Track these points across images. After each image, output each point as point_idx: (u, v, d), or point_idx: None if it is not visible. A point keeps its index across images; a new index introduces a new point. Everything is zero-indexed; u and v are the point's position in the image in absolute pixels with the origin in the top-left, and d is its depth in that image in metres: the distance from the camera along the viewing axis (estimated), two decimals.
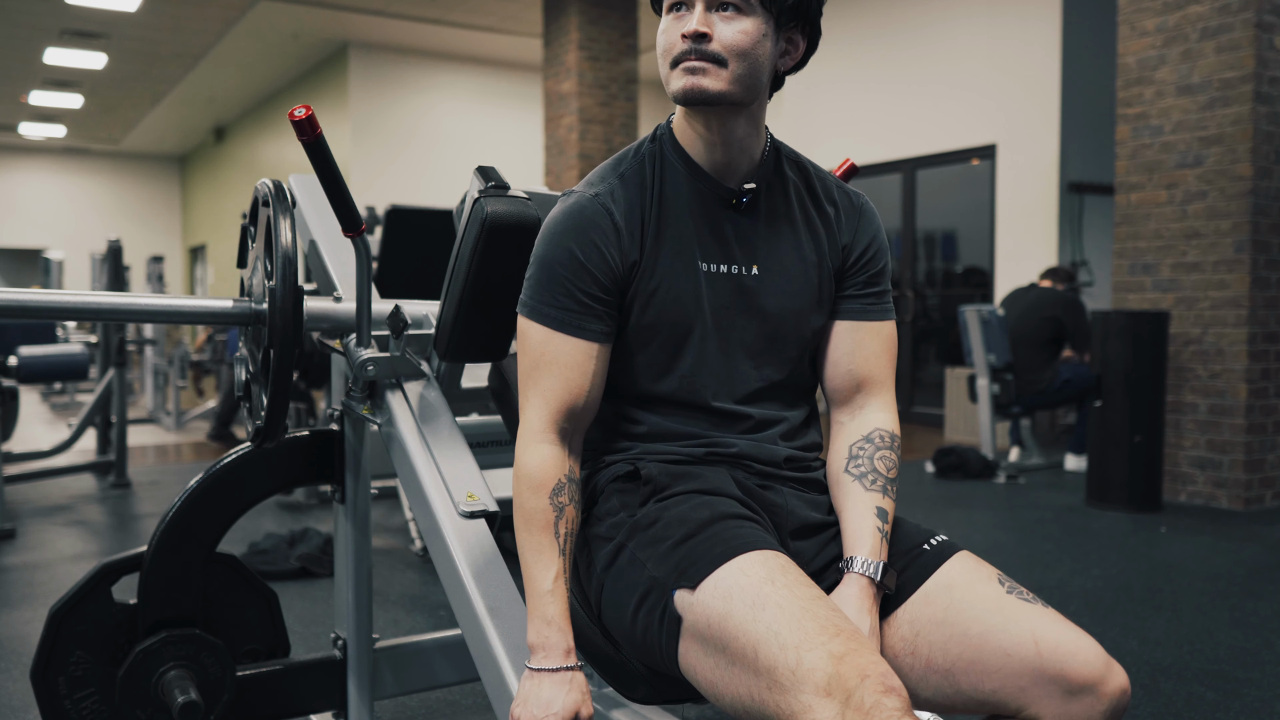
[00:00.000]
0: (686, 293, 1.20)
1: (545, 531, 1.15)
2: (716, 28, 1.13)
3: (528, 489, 1.16)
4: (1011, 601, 1.09)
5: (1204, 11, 4.47)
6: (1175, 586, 3.20)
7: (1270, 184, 4.43)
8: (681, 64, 1.14)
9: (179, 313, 1.54)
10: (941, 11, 7.33)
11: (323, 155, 1.37)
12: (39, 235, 16.49)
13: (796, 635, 0.94)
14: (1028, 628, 1.05)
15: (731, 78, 1.14)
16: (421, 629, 2.67)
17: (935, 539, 1.18)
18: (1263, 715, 2.16)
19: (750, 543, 1.06)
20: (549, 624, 1.13)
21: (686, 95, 1.14)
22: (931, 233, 7.90)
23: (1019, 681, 1.04)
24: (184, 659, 1.55)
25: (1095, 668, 1.03)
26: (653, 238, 1.20)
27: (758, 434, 1.23)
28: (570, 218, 1.19)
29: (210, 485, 1.60)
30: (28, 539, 3.82)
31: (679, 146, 1.23)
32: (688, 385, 1.21)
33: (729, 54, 1.13)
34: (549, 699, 1.10)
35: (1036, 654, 1.04)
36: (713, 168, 1.22)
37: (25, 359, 4.35)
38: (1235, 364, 4.44)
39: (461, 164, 10.93)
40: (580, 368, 1.17)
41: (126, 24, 9.73)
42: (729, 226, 1.22)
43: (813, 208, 1.28)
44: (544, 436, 1.17)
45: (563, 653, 1.13)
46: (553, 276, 1.17)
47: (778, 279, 1.23)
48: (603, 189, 1.20)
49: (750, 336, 1.23)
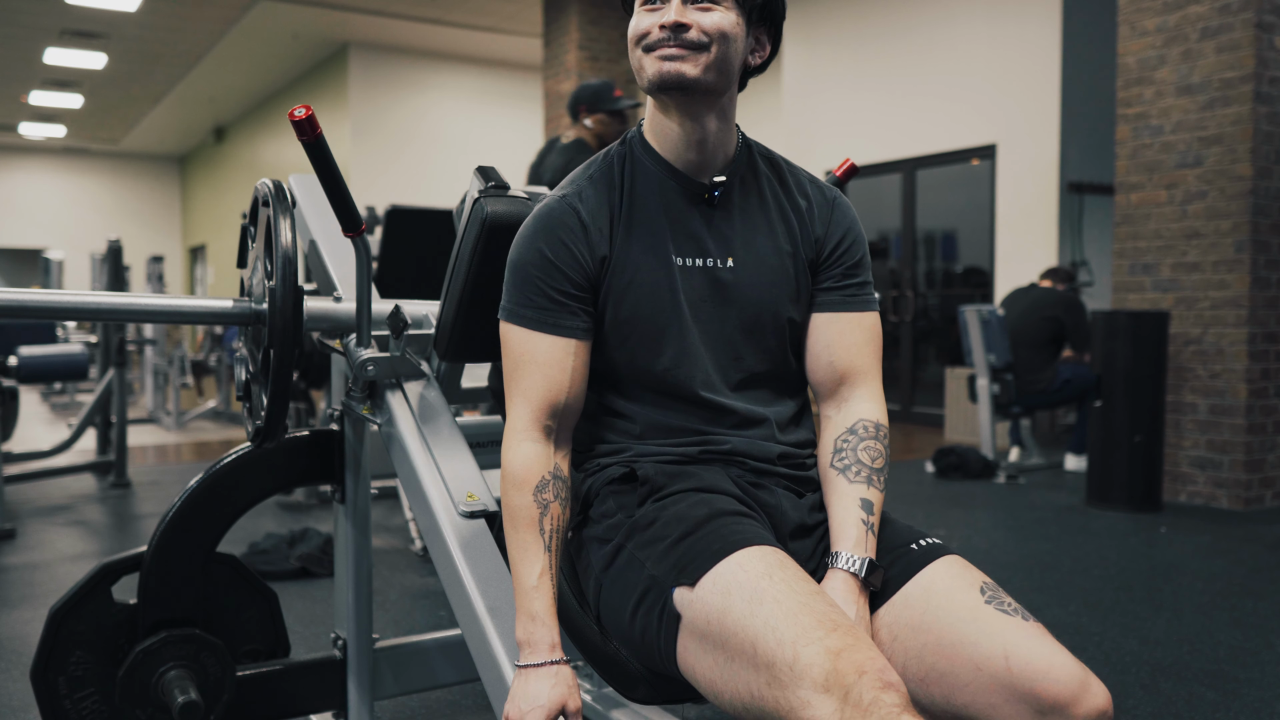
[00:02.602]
0: (661, 286, 1.21)
1: (530, 528, 1.16)
2: (693, 17, 1.14)
3: (512, 487, 1.18)
4: (988, 612, 1.05)
5: (1204, 11, 4.47)
6: (1175, 586, 3.20)
7: (1270, 184, 4.43)
8: (657, 50, 1.15)
9: (179, 313, 1.54)
10: (941, 11, 7.33)
11: (323, 155, 1.37)
12: (39, 235, 16.49)
13: (794, 630, 0.94)
14: (1000, 642, 1.02)
15: (710, 62, 1.15)
16: (421, 629, 2.67)
17: (925, 540, 1.16)
18: (1263, 715, 2.16)
19: (749, 538, 1.06)
20: (534, 619, 1.14)
21: (663, 79, 1.15)
22: (931, 233, 7.90)
23: (989, 698, 1.01)
24: (184, 659, 1.55)
25: (1067, 687, 0.99)
26: (623, 234, 1.21)
27: (748, 430, 1.23)
28: (538, 220, 1.22)
29: (210, 485, 1.60)
30: (28, 539, 3.82)
31: (649, 147, 1.25)
32: (672, 378, 1.21)
33: (711, 36, 1.14)
34: (535, 694, 1.11)
35: (1007, 670, 1.00)
36: (685, 165, 1.23)
37: (25, 359, 4.35)
38: (1235, 364, 4.44)
39: (461, 164, 10.93)
40: (559, 364, 1.19)
41: (126, 24, 9.73)
42: (701, 221, 1.23)
43: (785, 200, 1.28)
44: (527, 435, 1.19)
45: (548, 647, 1.14)
46: (525, 278, 1.20)
47: (752, 271, 1.24)
48: (570, 190, 1.23)
49: (729, 328, 1.23)
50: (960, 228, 7.71)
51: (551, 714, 1.10)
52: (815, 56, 8.19)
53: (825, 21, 8.11)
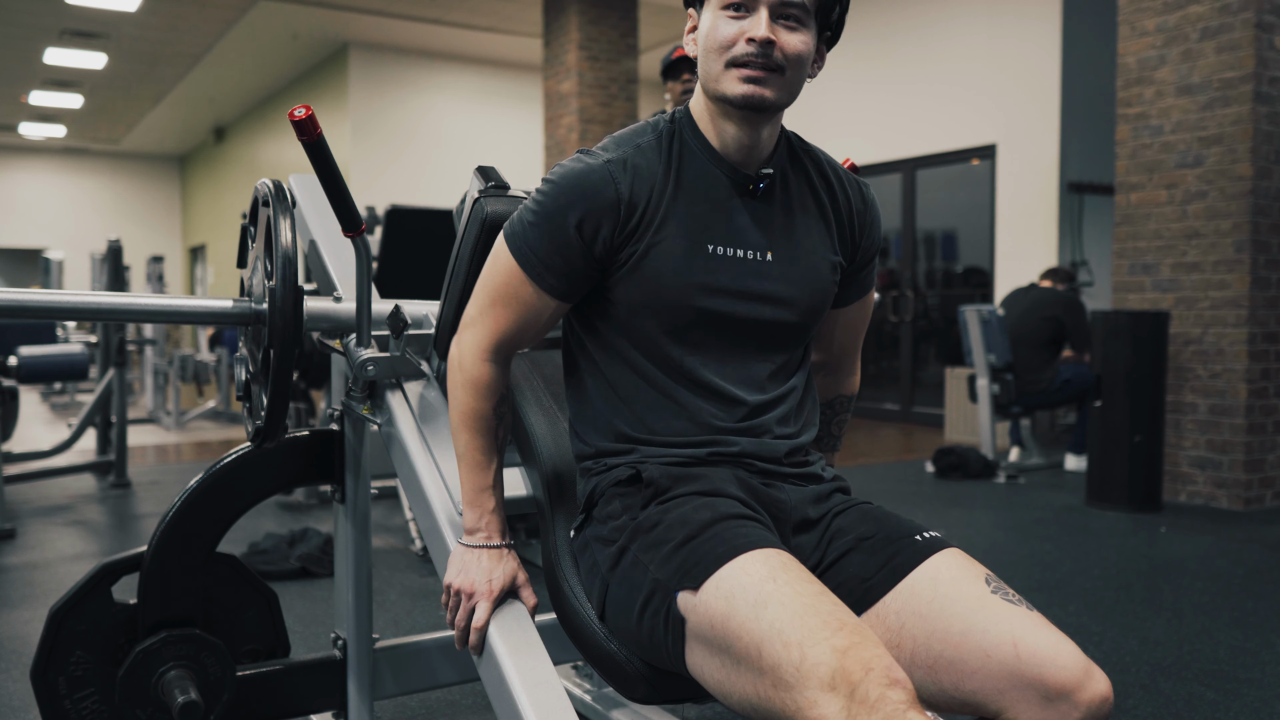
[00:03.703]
0: (692, 269, 1.20)
1: (489, 435, 1.27)
2: (780, 35, 1.16)
3: (476, 395, 1.26)
4: (995, 601, 1.07)
5: (1204, 11, 4.47)
6: (1175, 586, 3.20)
7: (1270, 184, 4.43)
8: (744, 68, 1.16)
9: (179, 313, 1.54)
10: (941, 11, 7.33)
11: (323, 155, 1.37)
12: (39, 235, 16.49)
13: (799, 631, 0.94)
14: (1008, 629, 1.04)
15: (786, 85, 1.18)
16: (421, 629, 2.67)
17: (928, 533, 1.17)
18: (1263, 715, 2.16)
19: (752, 542, 1.06)
20: (492, 512, 1.28)
21: (747, 101, 1.16)
22: (931, 233, 7.90)
23: (997, 684, 1.03)
24: (184, 659, 1.55)
25: (1072, 674, 1.01)
26: (661, 215, 1.20)
27: (758, 419, 1.24)
28: (578, 179, 1.20)
29: (210, 485, 1.60)
30: (28, 539, 3.82)
31: (698, 131, 1.25)
32: (688, 364, 1.22)
33: (789, 62, 1.16)
34: (489, 568, 1.26)
35: (1015, 657, 1.02)
36: (732, 157, 1.24)
37: (25, 359, 4.34)
38: (1235, 364, 4.44)
39: (461, 164, 10.93)
40: (538, 314, 1.24)
41: (126, 24, 9.72)
42: (745, 212, 1.24)
43: (826, 197, 1.30)
44: (490, 355, 1.26)
45: (500, 534, 1.28)
46: (545, 226, 1.20)
47: (789, 266, 1.25)
48: (615, 156, 1.21)
49: (757, 321, 1.24)
50: (960, 228, 7.71)
51: (506, 583, 1.26)
52: None
53: None
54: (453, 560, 1.29)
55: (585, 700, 2.00)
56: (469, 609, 1.25)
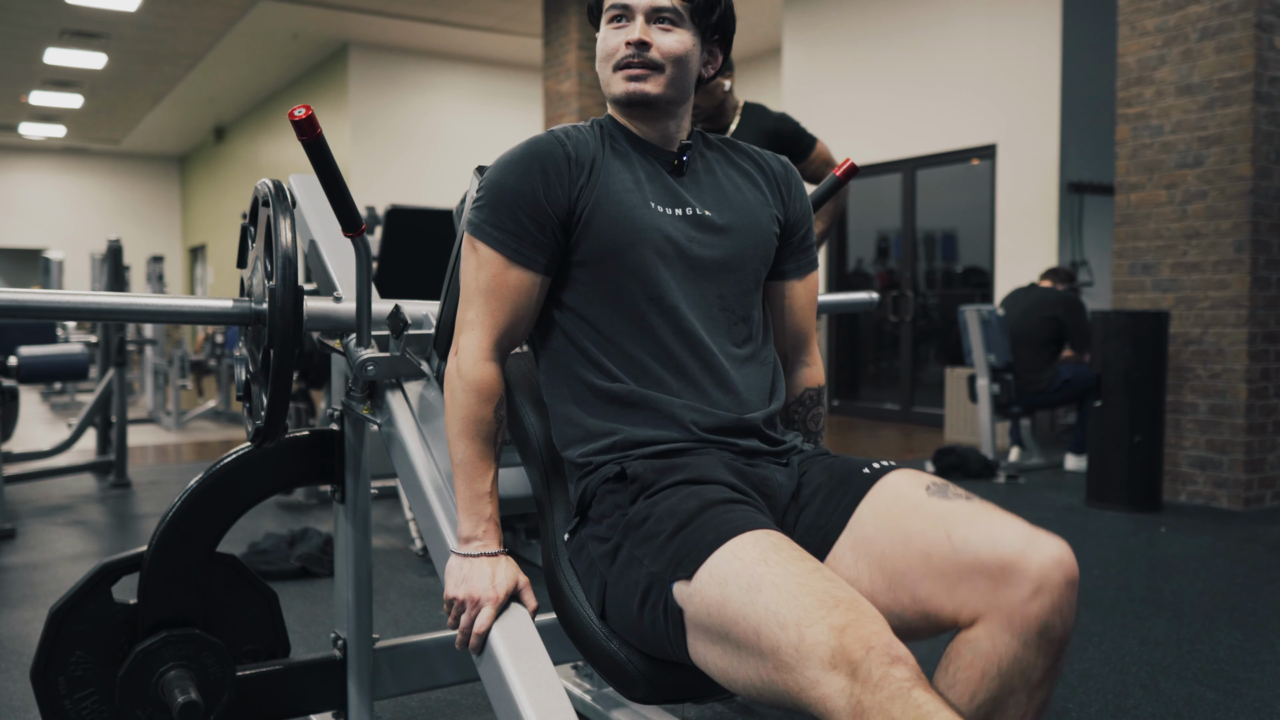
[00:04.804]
0: (644, 223, 1.26)
1: (489, 441, 1.28)
2: (655, 36, 1.27)
3: (477, 399, 1.26)
4: (931, 503, 1.07)
5: (1204, 11, 4.47)
6: (1175, 586, 3.20)
7: (1270, 184, 4.43)
8: (624, 70, 1.27)
9: (179, 313, 1.54)
10: (941, 11, 7.33)
11: (323, 155, 1.37)
12: (39, 235, 16.49)
13: (796, 612, 0.93)
14: (941, 524, 1.03)
15: (667, 81, 1.28)
16: (421, 629, 2.67)
17: (876, 464, 1.19)
18: (1263, 715, 2.16)
19: (741, 525, 1.06)
20: (489, 520, 1.27)
21: (630, 97, 1.28)
22: (931, 233, 7.90)
23: (943, 582, 1.01)
24: (184, 659, 1.55)
25: (1010, 545, 0.99)
26: (603, 176, 1.28)
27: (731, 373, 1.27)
28: (525, 149, 1.29)
29: (210, 485, 1.60)
30: (28, 539, 3.83)
31: (621, 125, 1.35)
32: (656, 311, 1.25)
33: (666, 59, 1.27)
34: (490, 573, 1.25)
35: (951, 548, 1.01)
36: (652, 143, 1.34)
37: (25, 359, 4.34)
38: (1235, 364, 4.44)
39: (461, 164, 10.93)
40: (527, 296, 1.27)
41: (126, 24, 9.73)
42: (675, 183, 1.32)
43: (750, 166, 1.39)
44: (490, 355, 1.27)
45: (497, 541, 1.28)
46: (503, 200, 1.25)
47: (730, 215, 1.32)
48: (557, 130, 1.31)
49: (712, 261, 1.29)
50: (960, 228, 7.71)
51: (510, 587, 1.25)
52: (815, 56, 8.19)
53: (825, 21, 8.11)
54: (451, 572, 1.27)
55: (585, 700, 2.00)
56: (473, 615, 1.24)
